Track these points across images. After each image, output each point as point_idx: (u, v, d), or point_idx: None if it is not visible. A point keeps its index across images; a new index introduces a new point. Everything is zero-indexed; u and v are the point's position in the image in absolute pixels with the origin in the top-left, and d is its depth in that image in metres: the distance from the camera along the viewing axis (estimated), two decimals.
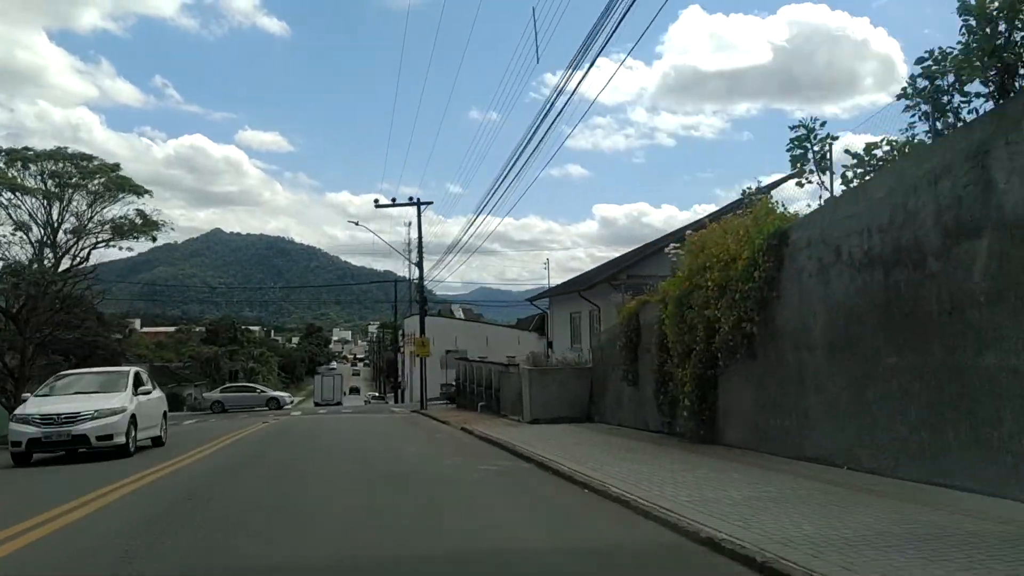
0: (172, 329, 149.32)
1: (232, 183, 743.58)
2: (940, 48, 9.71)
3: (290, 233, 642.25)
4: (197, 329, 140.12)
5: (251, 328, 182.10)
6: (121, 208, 32.83)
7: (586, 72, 16.05)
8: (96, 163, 32.65)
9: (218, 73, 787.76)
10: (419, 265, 38.08)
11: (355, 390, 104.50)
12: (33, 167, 31.28)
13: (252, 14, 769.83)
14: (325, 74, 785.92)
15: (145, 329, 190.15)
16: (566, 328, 33.75)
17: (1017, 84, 8.71)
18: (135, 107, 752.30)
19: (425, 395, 38.20)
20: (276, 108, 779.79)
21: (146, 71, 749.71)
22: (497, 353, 50.87)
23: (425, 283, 40.75)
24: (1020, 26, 8.62)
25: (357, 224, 42.28)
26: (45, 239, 32.05)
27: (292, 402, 50.53)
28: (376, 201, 40.99)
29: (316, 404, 76.39)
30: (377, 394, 78.57)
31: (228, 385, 55.03)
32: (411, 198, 40.94)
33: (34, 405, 18.62)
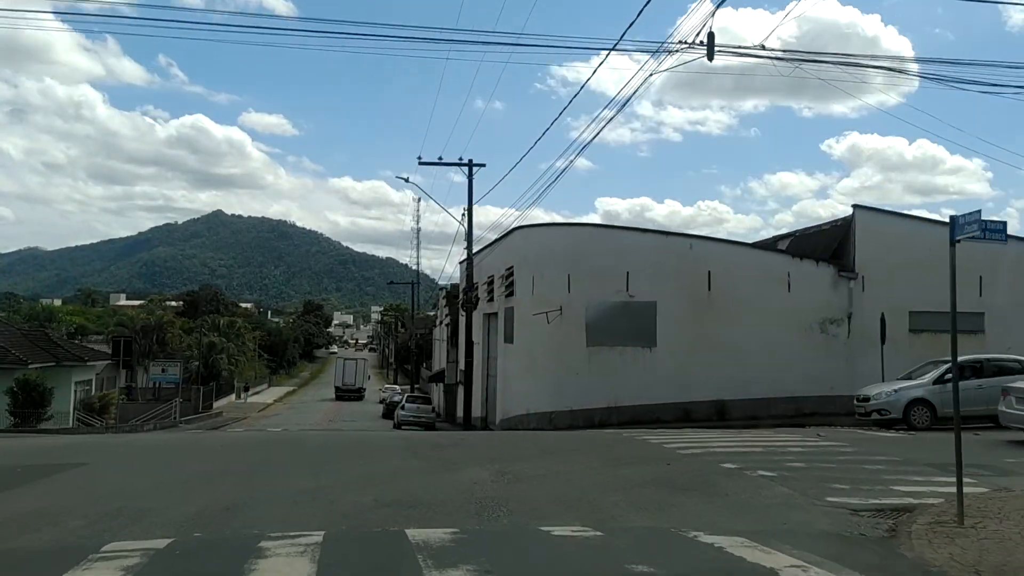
0: (140, 302, 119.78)
1: (235, 165, 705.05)
2: None
3: (292, 217, 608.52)
4: (172, 303, 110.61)
5: (242, 304, 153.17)
6: None
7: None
8: None
9: (223, 54, 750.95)
10: None
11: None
12: None
13: None
14: (331, 58, 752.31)
15: (123, 303, 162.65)
16: None
17: None
18: (139, 86, 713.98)
19: None
20: (280, 91, 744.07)
21: (151, 50, 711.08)
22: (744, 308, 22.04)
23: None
24: None
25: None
26: None
27: None
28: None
29: (337, 390, 70.02)
30: (412, 391, 47.48)
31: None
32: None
33: None
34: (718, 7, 13.62)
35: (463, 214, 28.38)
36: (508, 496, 8.73)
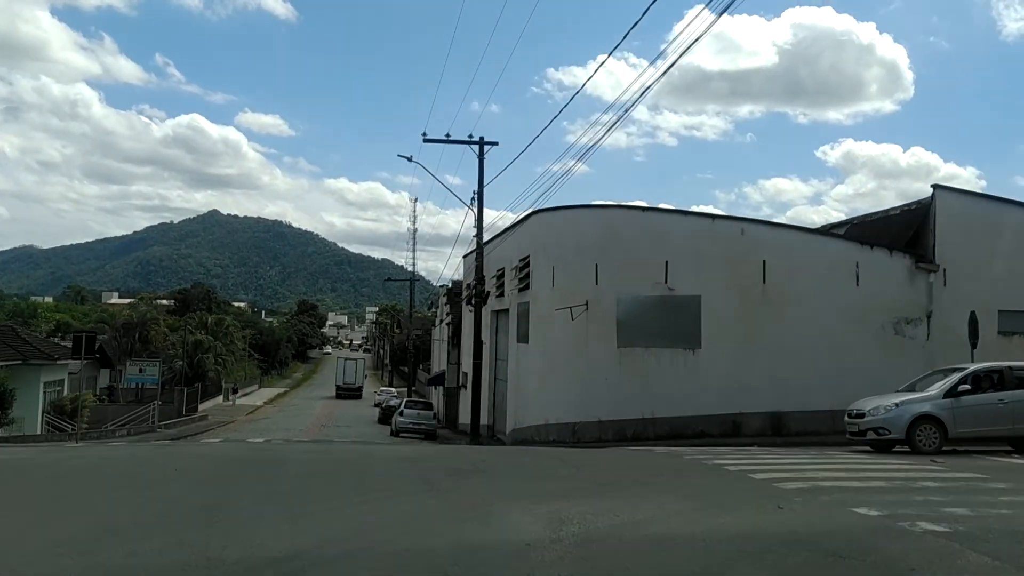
0: (128, 301, 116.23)
1: (231, 165, 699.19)
2: None
3: (287, 218, 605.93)
4: (163, 302, 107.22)
5: (236, 304, 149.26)
6: None
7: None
8: None
9: (220, 54, 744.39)
10: None
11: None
12: None
13: None
14: (329, 59, 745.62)
15: (115, 301, 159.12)
16: None
17: None
18: (136, 85, 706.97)
19: None
20: (278, 91, 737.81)
21: (148, 49, 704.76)
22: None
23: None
24: None
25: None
26: None
27: None
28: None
29: (338, 388, 73.15)
30: (409, 395, 45.76)
31: None
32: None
33: None
34: (720, 15, 11.78)
35: (472, 197, 25.11)
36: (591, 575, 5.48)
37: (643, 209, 20.83)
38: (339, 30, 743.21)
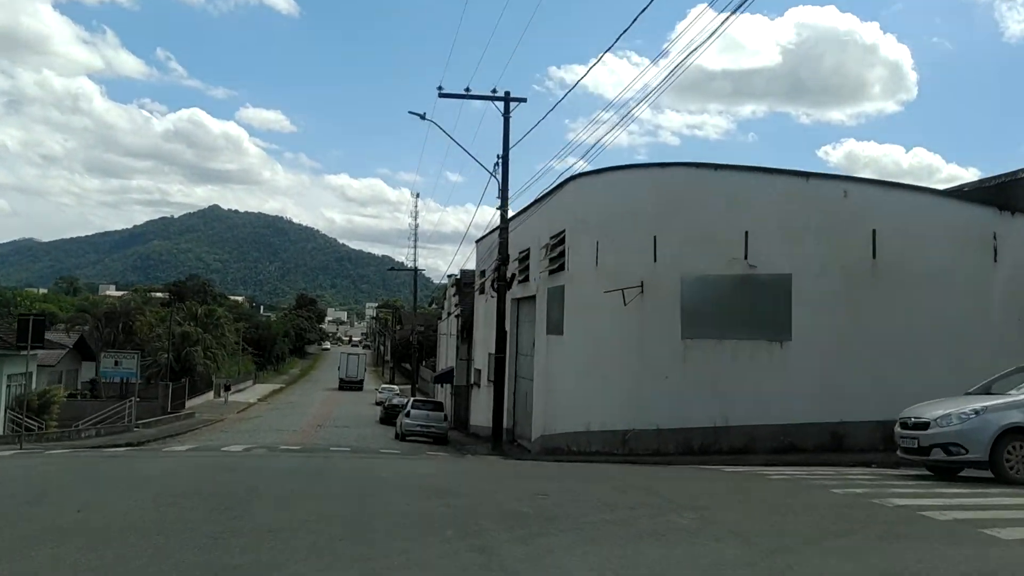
0: (122, 293, 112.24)
1: (232, 160, 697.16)
2: None
3: (288, 213, 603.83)
4: (158, 295, 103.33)
5: (234, 298, 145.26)
6: None
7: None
8: None
9: (222, 48, 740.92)
10: None
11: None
12: None
13: None
14: (331, 55, 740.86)
15: (112, 293, 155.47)
16: None
17: None
18: (137, 79, 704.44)
19: None
20: (279, 87, 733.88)
21: (150, 43, 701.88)
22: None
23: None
24: None
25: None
26: None
27: None
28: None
29: (341, 381, 76.07)
30: (413, 393, 42.48)
31: None
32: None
33: None
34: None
35: (496, 163, 21.07)
36: None
37: (715, 167, 16.77)
38: (341, 26, 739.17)
